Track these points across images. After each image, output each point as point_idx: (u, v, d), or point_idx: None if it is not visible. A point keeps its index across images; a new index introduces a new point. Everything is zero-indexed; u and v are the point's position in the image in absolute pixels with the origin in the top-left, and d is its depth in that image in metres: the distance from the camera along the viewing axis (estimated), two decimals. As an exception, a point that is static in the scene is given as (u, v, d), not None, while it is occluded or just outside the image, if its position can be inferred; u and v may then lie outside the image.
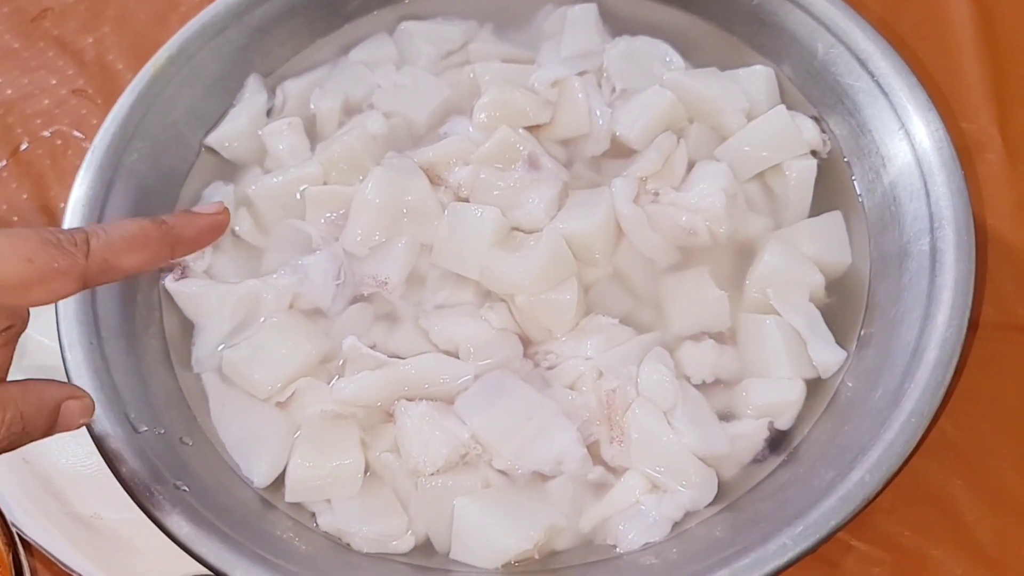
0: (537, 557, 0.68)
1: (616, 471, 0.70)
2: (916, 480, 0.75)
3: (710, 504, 0.69)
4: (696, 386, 0.72)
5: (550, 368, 0.73)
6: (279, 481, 0.71)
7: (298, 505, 0.71)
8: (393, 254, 0.77)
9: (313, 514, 0.71)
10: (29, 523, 0.75)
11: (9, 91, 1.00)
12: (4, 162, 0.96)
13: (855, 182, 0.79)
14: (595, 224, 0.75)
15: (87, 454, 0.77)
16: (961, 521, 0.75)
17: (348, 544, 0.69)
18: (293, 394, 0.72)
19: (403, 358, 0.73)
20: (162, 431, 0.70)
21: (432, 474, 0.69)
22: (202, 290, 0.77)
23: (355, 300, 0.77)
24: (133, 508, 0.66)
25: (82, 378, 0.69)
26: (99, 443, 0.67)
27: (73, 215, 0.75)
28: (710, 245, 0.77)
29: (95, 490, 0.77)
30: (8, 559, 0.70)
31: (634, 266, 0.77)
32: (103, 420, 0.67)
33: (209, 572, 0.64)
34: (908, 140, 0.74)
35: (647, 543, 0.67)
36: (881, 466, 0.62)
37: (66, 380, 0.69)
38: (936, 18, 0.93)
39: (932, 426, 0.64)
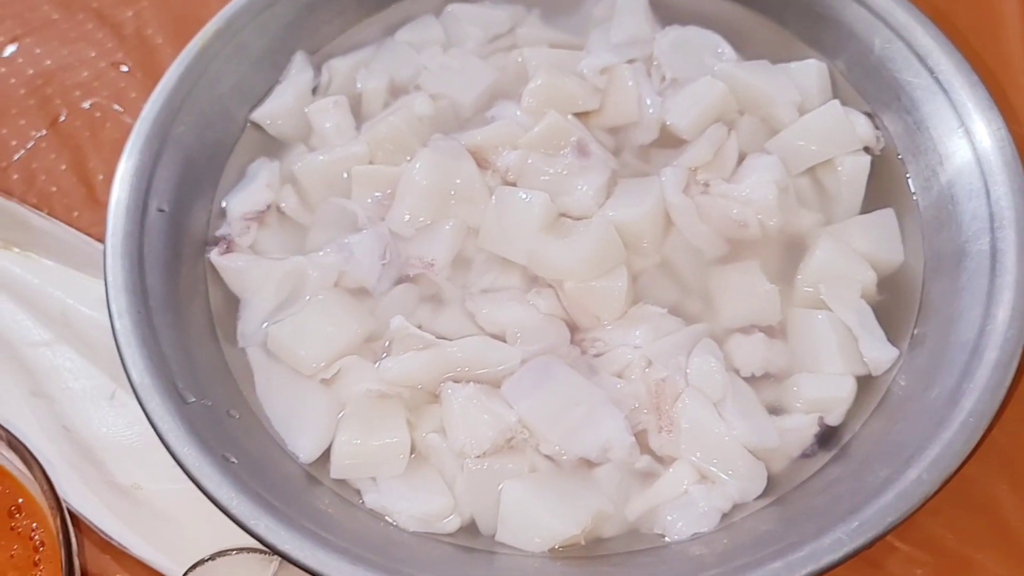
0: (583, 543, 0.67)
1: (664, 460, 0.69)
2: (961, 484, 0.73)
3: (759, 497, 0.68)
4: (745, 379, 0.71)
5: (597, 355, 0.73)
6: (324, 457, 0.71)
7: (343, 482, 0.70)
8: (440, 236, 0.76)
9: (359, 491, 0.70)
10: (69, 490, 0.74)
11: (48, 62, 0.99)
12: (43, 131, 0.95)
13: (909, 180, 0.78)
14: (645, 213, 0.74)
15: (127, 424, 0.77)
16: (1005, 525, 0.74)
17: (394, 522, 0.68)
18: (339, 372, 0.72)
19: (449, 340, 0.72)
20: (209, 403, 0.70)
21: (478, 456, 0.68)
22: (247, 265, 0.76)
23: (400, 281, 0.76)
24: (173, 479, 0.65)
25: (131, 346, 0.68)
26: (148, 412, 0.67)
27: (122, 185, 0.75)
28: (760, 238, 0.76)
29: (135, 460, 0.76)
30: (56, 524, 0.68)
31: (682, 256, 0.76)
32: (152, 390, 0.67)
33: (248, 545, 0.63)
34: (968, 139, 0.74)
35: (696, 533, 0.67)
36: (939, 465, 0.62)
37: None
38: (992, 14, 0.92)
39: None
